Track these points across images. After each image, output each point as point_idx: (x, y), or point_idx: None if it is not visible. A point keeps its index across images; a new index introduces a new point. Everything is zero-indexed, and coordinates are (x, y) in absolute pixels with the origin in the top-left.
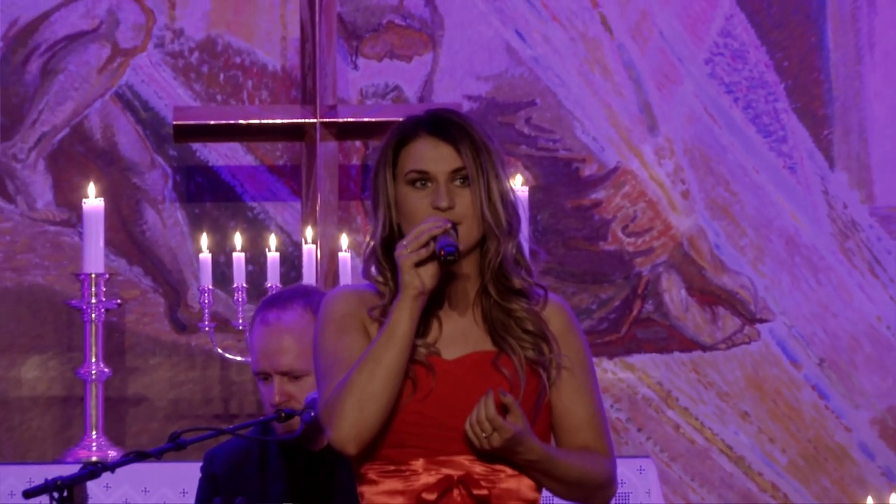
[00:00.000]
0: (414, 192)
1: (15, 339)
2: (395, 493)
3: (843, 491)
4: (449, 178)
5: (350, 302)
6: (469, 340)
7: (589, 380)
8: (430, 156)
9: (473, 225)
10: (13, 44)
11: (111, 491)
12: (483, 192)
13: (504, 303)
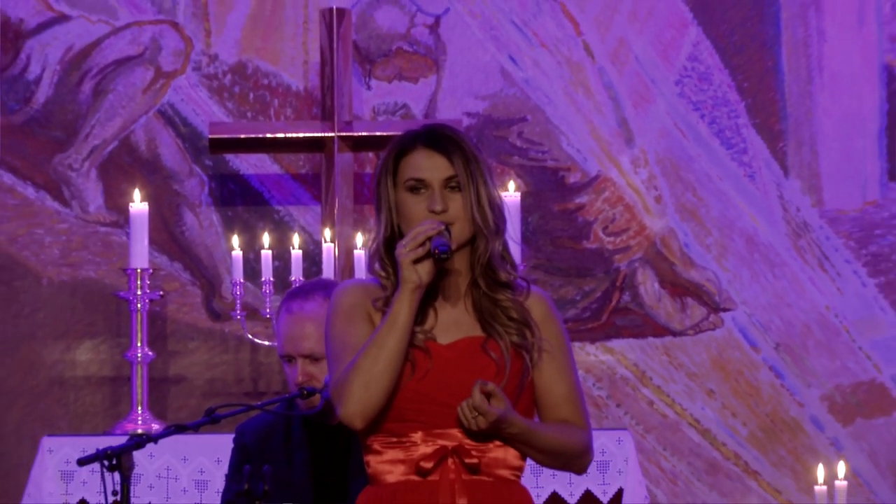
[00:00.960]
0: (412, 198)
1: (70, 327)
2: (396, 462)
3: (796, 459)
4: (442, 185)
5: (357, 294)
6: (461, 327)
7: (567, 361)
8: (425, 165)
9: (464, 225)
10: (69, 67)
11: (154, 459)
12: (473, 196)
13: (492, 294)
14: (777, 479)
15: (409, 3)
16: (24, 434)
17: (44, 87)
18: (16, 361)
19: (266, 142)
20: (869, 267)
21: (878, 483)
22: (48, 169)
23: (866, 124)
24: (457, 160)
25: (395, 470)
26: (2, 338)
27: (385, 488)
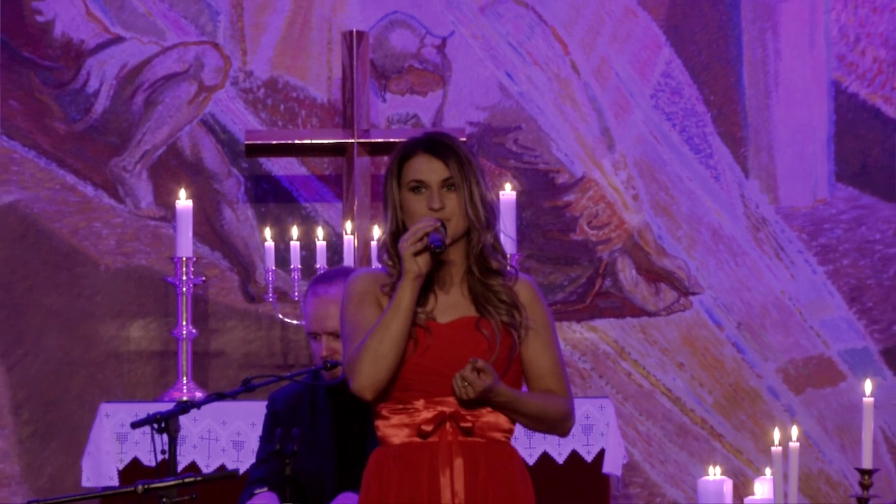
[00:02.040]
0: (414, 197)
1: (124, 307)
2: (401, 426)
3: (755, 423)
4: (440, 186)
5: (367, 282)
6: (458, 308)
7: (551, 338)
8: (425, 168)
9: (459, 221)
10: (123, 82)
11: (197, 423)
12: (466, 195)
13: (484, 279)
14: (738, 441)
15: (419, 27)
16: (85, 401)
17: (101, 99)
18: (77, 337)
19: (294, 147)
20: (819, 256)
21: (825, 444)
22: (105, 170)
23: (816, 132)
24: (452, 164)
25: (399, 433)
26: (65, 317)
27: (392, 448)
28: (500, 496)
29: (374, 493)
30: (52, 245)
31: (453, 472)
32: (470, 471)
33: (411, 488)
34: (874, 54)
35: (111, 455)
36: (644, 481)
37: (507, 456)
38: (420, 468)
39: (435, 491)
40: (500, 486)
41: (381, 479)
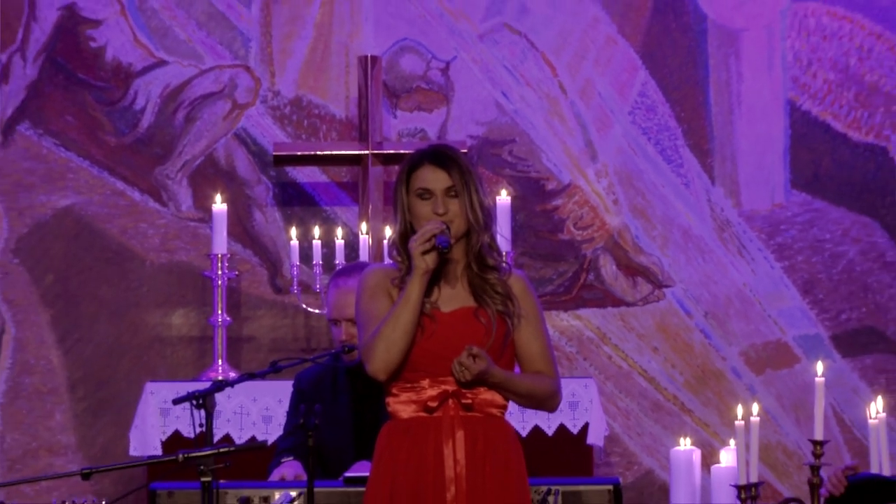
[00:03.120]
0: (421, 202)
1: (167, 298)
2: (409, 402)
3: (720, 400)
4: (444, 193)
5: (378, 276)
6: (459, 299)
7: (540, 326)
8: (430, 178)
9: (460, 223)
10: (166, 100)
11: (231, 400)
12: (466, 201)
13: (481, 274)
14: (706, 416)
15: (426, 52)
16: (132, 380)
17: (147, 115)
18: (125, 324)
19: (316, 157)
20: (776, 254)
21: (782, 418)
22: (150, 178)
23: (774, 145)
24: (454, 174)
25: (408, 408)
26: (115, 306)
27: (401, 422)
28: (496, 463)
29: (386, 462)
30: (104, 243)
31: (455, 443)
32: (470, 442)
33: (419, 457)
34: (824, 76)
35: (155, 428)
36: (623, 451)
37: (502, 429)
38: (426, 439)
39: (439, 459)
40: (496, 455)
41: (391, 449)
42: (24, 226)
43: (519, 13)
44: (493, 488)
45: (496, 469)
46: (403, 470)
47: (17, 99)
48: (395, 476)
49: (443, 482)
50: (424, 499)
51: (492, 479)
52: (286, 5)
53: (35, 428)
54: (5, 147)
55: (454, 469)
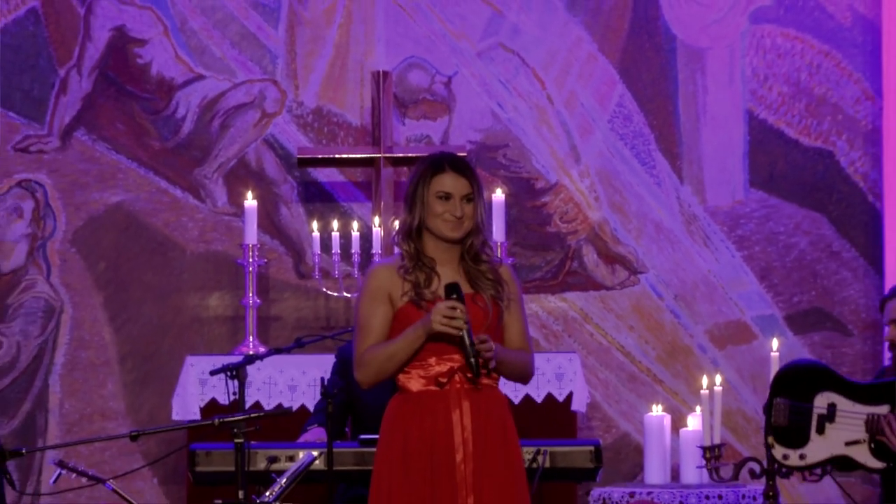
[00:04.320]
0: (439, 203)
1: (205, 283)
2: (419, 378)
3: (688, 372)
4: (462, 198)
5: (380, 278)
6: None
7: (522, 309)
8: (452, 183)
9: (470, 224)
10: (204, 110)
11: (260, 372)
12: (479, 207)
13: (475, 265)
14: (675, 385)
15: (430, 68)
16: (174, 354)
17: (187, 123)
18: (168, 306)
19: (335, 160)
20: (736, 244)
21: (741, 388)
22: (190, 178)
23: (734, 149)
24: (473, 182)
25: (417, 383)
26: (159, 290)
27: (411, 395)
28: (496, 428)
29: (398, 428)
30: (149, 235)
31: (462, 412)
32: (474, 411)
33: (431, 424)
34: (779, 90)
35: (194, 396)
36: (602, 416)
37: (498, 398)
38: (436, 410)
39: (448, 426)
40: (495, 421)
41: (403, 418)
42: (80, 219)
43: (512, 34)
44: (494, 450)
45: (496, 433)
46: (416, 436)
47: (73, 109)
48: (406, 441)
49: (452, 446)
50: (436, 461)
51: (493, 442)
52: (308, 27)
53: (89, 396)
54: (64, 150)
55: (462, 435)
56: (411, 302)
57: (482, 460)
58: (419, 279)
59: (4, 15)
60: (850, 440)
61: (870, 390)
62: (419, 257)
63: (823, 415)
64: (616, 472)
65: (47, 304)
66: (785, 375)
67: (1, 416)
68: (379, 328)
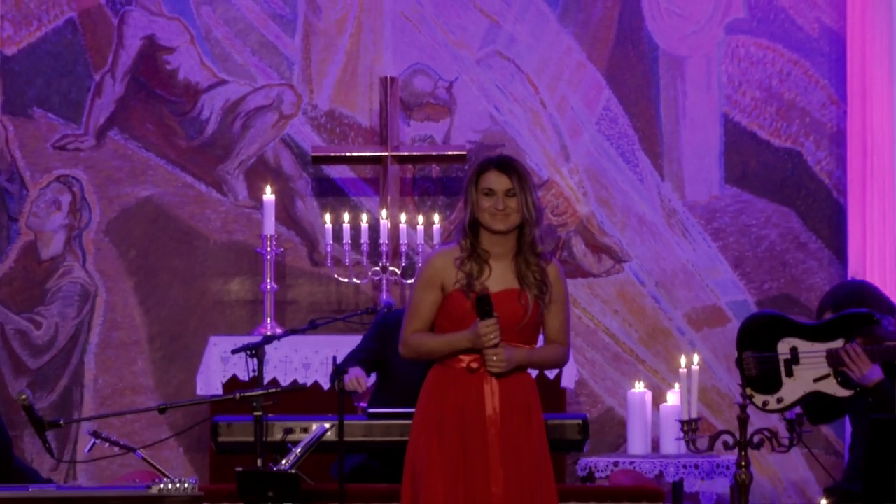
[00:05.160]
0: (486, 198)
1: (226, 269)
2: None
3: (667, 352)
4: (504, 193)
5: (437, 266)
6: (505, 281)
7: (564, 308)
8: (495, 180)
9: (516, 217)
10: (226, 112)
11: (277, 350)
12: (522, 201)
13: (528, 260)
14: (656, 365)
15: (434, 74)
16: (199, 334)
17: (211, 124)
18: (193, 290)
19: (346, 158)
20: (712, 236)
21: (716, 367)
22: (213, 174)
23: (711, 149)
24: (514, 178)
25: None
26: (186, 276)
27: (449, 370)
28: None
29: (436, 401)
30: (176, 226)
31: (494, 389)
32: (504, 389)
33: (464, 401)
34: (752, 95)
35: (217, 373)
36: (589, 393)
37: (524, 381)
38: (469, 389)
39: (480, 404)
40: (520, 401)
41: (440, 392)
42: (113, 211)
43: (508, 43)
44: (519, 426)
45: (521, 412)
46: (451, 411)
47: (107, 110)
48: (443, 414)
49: (483, 422)
50: (469, 433)
51: (518, 420)
52: (322, 36)
53: (121, 372)
54: (98, 148)
55: (493, 411)
56: (461, 290)
57: (511, 436)
58: (473, 270)
59: (45, 25)
60: (818, 377)
61: (823, 329)
62: (475, 250)
63: (788, 359)
64: (601, 443)
65: (83, 289)
66: (747, 331)
67: (40, 391)
68: (426, 313)
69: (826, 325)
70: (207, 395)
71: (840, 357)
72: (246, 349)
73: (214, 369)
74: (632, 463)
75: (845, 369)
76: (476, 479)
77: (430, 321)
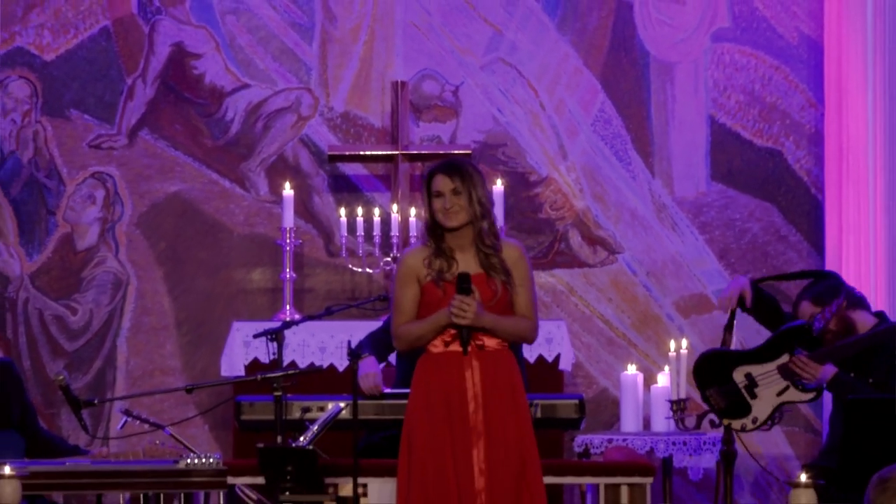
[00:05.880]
0: (436, 199)
1: (249, 260)
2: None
3: (657, 336)
4: (450, 193)
5: (410, 263)
6: (470, 268)
7: (528, 284)
8: (440, 183)
9: (464, 215)
10: (249, 114)
11: (295, 336)
12: (466, 199)
13: (485, 251)
14: (647, 349)
15: (441, 78)
16: (224, 320)
17: (235, 125)
18: (218, 280)
19: (360, 156)
20: (699, 229)
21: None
22: (237, 171)
23: (698, 148)
24: (456, 179)
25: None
26: (211, 266)
27: (432, 356)
28: (503, 385)
29: (423, 383)
30: (202, 219)
31: (473, 370)
32: (483, 369)
33: (447, 379)
34: (736, 98)
35: (240, 356)
36: (585, 375)
37: (505, 359)
38: (451, 368)
39: (462, 382)
40: (503, 378)
41: (426, 374)
42: (144, 205)
43: (510, 50)
44: (501, 402)
45: (503, 389)
46: (436, 389)
47: (139, 112)
48: (429, 393)
49: (465, 398)
50: (453, 410)
51: (500, 395)
52: (338, 44)
53: (151, 355)
54: (130, 147)
55: (472, 389)
56: (433, 282)
57: (491, 410)
58: (442, 266)
59: (81, 33)
60: (779, 391)
61: (766, 350)
62: (440, 246)
63: (747, 385)
64: (596, 421)
65: (116, 278)
66: (700, 370)
67: (76, 372)
68: (408, 307)
69: (767, 345)
70: (231, 376)
71: (791, 370)
72: (266, 334)
73: (237, 352)
74: (625, 440)
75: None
76: (462, 451)
77: (413, 314)
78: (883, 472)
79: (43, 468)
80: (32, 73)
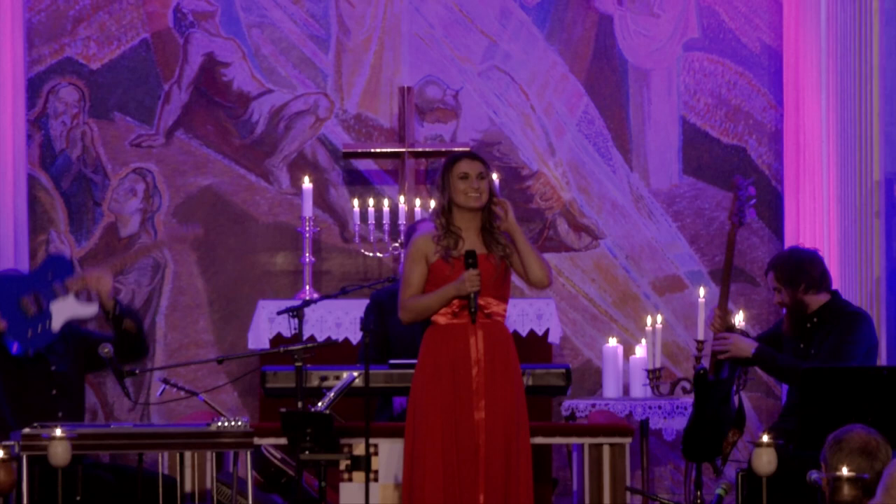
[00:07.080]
0: (461, 182)
1: (272, 246)
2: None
3: (636, 313)
4: (477, 176)
5: (421, 243)
6: (477, 248)
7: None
8: (469, 166)
9: (486, 196)
10: (272, 116)
11: (314, 312)
12: (488, 183)
13: (490, 230)
14: (627, 324)
15: (443, 83)
16: (250, 299)
17: (259, 125)
18: (245, 264)
19: (371, 154)
20: (672, 217)
21: (676, 326)
22: (262, 167)
23: (672, 146)
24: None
25: (444, 318)
26: (239, 251)
27: (440, 327)
28: (501, 352)
29: (432, 351)
30: (231, 210)
31: (478, 338)
32: (486, 337)
33: (454, 347)
34: (705, 101)
35: (265, 331)
36: (571, 347)
37: (503, 330)
38: (457, 337)
39: (467, 348)
40: (501, 347)
41: (435, 343)
42: (180, 197)
43: (504, 58)
44: (500, 369)
45: (501, 356)
46: (444, 357)
47: (175, 114)
48: (437, 359)
49: (469, 363)
50: (457, 373)
51: (499, 362)
52: (351, 53)
53: (186, 330)
54: (167, 146)
55: (476, 354)
56: (441, 259)
57: (491, 374)
58: (449, 244)
59: (123, 44)
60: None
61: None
62: (449, 227)
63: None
64: (581, 388)
65: (155, 262)
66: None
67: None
68: (416, 281)
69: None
70: (257, 348)
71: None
72: (289, 311)
73: (263, 328)
74: (606, 405)
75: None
76: (464, 409)
77: (420, 288)
78: (837, 433)
79: (90, 430)
80: (80, 80)
